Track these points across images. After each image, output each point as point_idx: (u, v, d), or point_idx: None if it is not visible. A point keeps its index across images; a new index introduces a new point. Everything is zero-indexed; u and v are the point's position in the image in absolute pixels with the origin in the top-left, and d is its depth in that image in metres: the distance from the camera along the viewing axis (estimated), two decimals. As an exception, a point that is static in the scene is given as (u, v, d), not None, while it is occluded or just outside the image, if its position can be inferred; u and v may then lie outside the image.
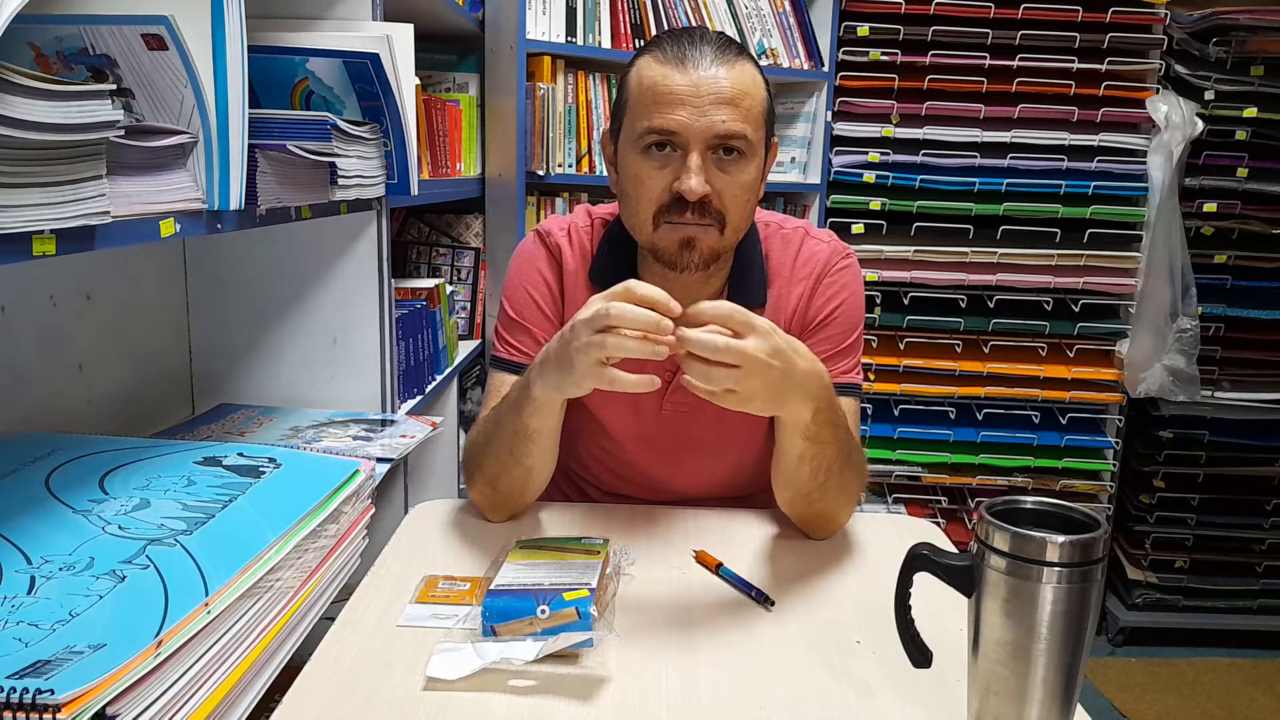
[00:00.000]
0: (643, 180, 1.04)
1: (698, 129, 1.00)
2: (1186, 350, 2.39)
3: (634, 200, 1.06)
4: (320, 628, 0.90)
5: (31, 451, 0.97)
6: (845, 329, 1.17)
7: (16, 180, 0.61)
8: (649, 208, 1.05)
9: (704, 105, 1.00)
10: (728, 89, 1.01)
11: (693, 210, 1.02)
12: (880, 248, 2.43)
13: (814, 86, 2.51)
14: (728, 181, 1.03)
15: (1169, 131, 2.33)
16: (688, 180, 1.01)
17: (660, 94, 1.02)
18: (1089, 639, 0.70)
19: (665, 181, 1.03)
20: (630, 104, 1.06)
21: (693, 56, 1.02)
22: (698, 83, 1.01)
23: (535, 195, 2.26)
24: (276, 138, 1.00)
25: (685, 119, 1.00)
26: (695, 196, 1.01)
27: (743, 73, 1.03)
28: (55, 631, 0.66)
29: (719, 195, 1.03)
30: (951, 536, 1.49)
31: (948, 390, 2.50)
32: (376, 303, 1.42)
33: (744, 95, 1.02)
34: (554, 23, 2.18)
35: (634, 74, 1.06)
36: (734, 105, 1.01)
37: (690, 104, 1.00)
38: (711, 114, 1.00)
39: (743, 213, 1.06)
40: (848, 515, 1.12)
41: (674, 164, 1.02)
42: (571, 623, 0.81)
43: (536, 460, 1.07)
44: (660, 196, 1.03)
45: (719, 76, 1.01)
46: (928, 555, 0.74)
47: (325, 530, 0.93)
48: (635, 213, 1.07)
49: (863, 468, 1.12)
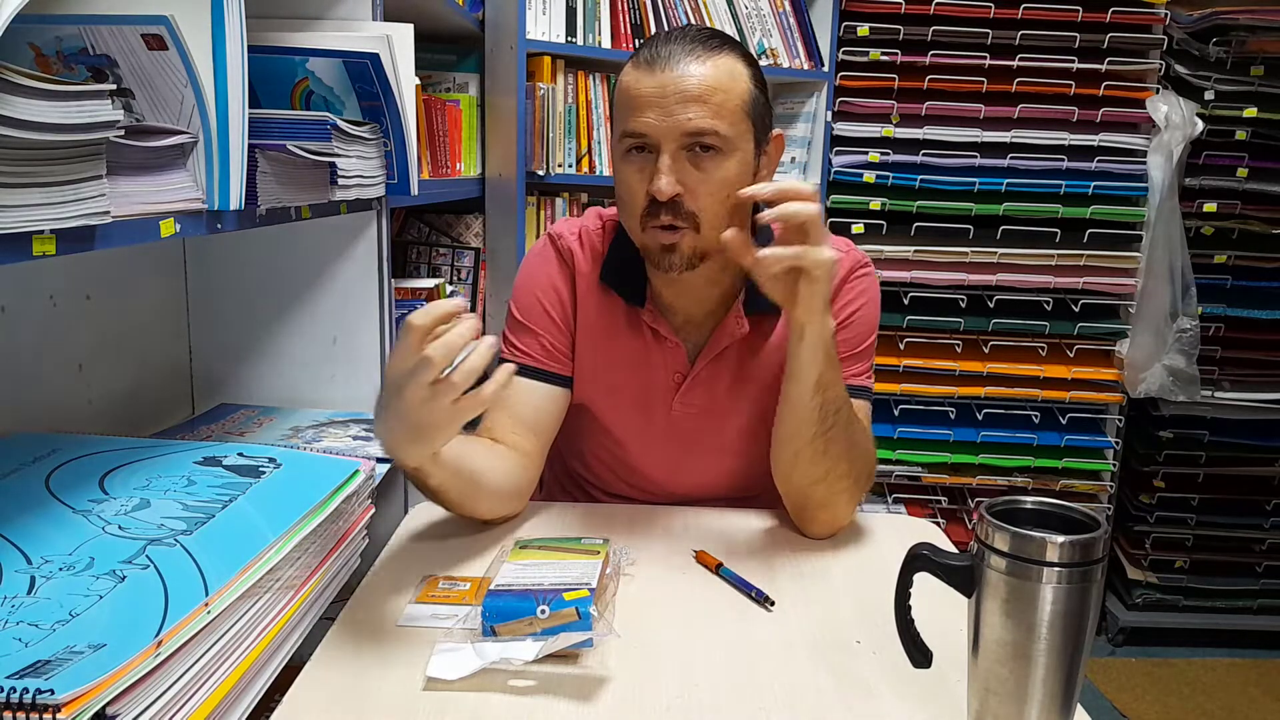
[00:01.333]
0: (627, 184, 1.05)
1: (665, 129, 1.01)
2: (1186, 350, 2.39)
3: (623, 205, 1.08)
4: (320, 628, 0.90)
5: (31, 451, 0.97)
6: (860, 334, 1.17)
7: (16, 180, 0.61)
8: (635, 212, 1.06)
9: (670, 105, 1.01)
10: (694, 87, 1.01)
11: (666, 211, 1.02)
12: (880, 248, 2.43)
13: (814, 86, 2.51)
14: (700, 179, 1.02)
15: (1169, 131, 2.33)
16: (657, 181, 1.01)
17: (631, 98, 1.03)
18: (1089, 639, 0.70)
19: (644, 185, 1.04)
20: (615, 111, 1.08)
21: (663, 57, 1.02)
22: (664, 83, 1.01)
23: (535, 195, 2.26)
24: (276, 138, 1.00)
25: (652, 120, 1.01)
26: (664, 196, 1.01)
27: (715, 67, 1.02)
28: (55, 631, 0.65)
29: (691, 193, 1.02)
30: (951, 536, 1.49)
31: (948, 390, 2.50)
32: (376, 303, 1.42)
33: (715, 90, 1.01)
34: (554, 23, 2.18)
35: (618, 83, 1.08)
36: (702, 102, 1.01)
37: (658, 105, 1.01)
38: (678, 113, 1.00)
39: (719, 210, 1.04)
40: (848, 510, 1.12)
41: (649, 167, 1.03)
42: (571, 623, 0.81)
43: (465, 499, 1.06)
44: (642, 200, 1.04)
45: (687, 75, 1.01)
46: (928, 555, 0.74)
47: (325, 530, 0.93)
48: (626, 217, 1.09)
49: (869, 459, 1.12)
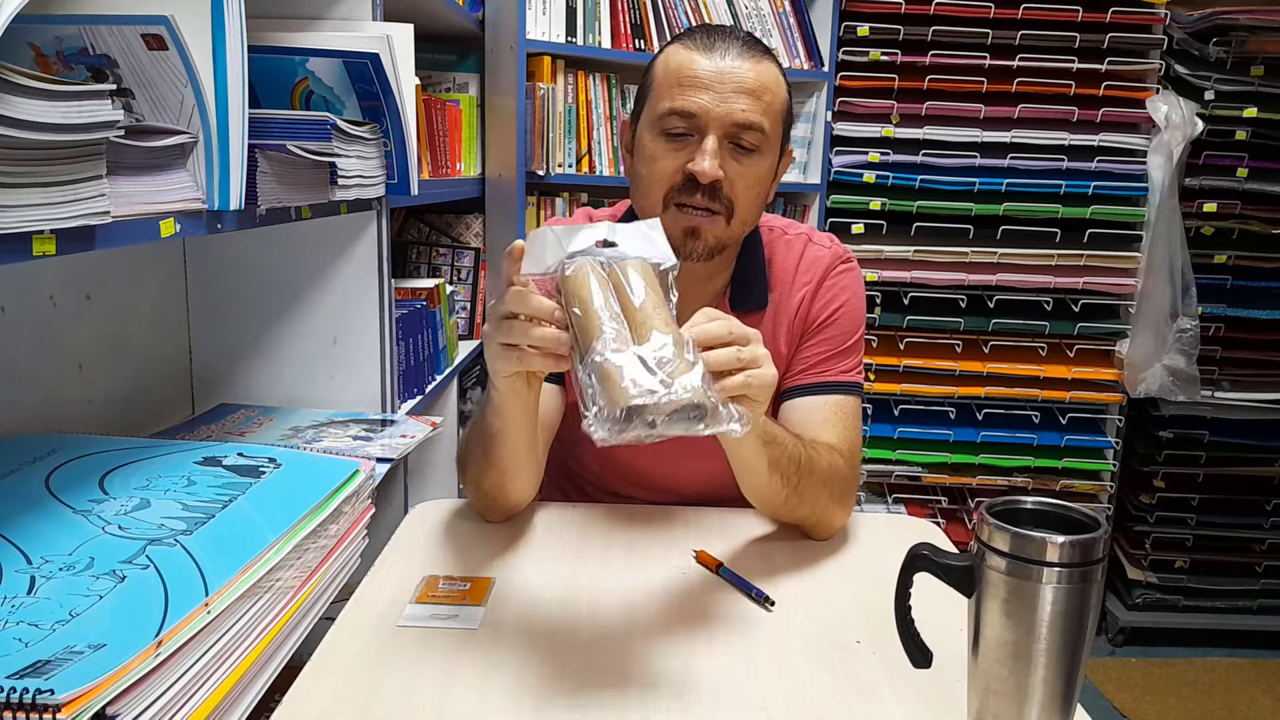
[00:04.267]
0: (657, 160, 1.05)
1: (717, 114, 1.02)
2: (1186, 350, 2.39)
3: (645, 180, 1.07)
4: (320, 628, 0.90)
5: (31, 451, 0.97)
6: (846, 330, 1.17)
7: (16, 180, 0.61)
8: (660, 188, 1.05)
9: (726, 92, 1.02)
10: (751, 80, 1.03)
11: (703, 193, 1.03)
12: (880, 248, 2.43)
13: (814, 86, 2.51)
14: (740, 171, 1.04)
15: (1169, 131, 2.33)
16: (702, 162, 1.02)
17: (685, 76, 1.03)
18: (1089, 639, 0.70)
19: (679, 162, 1.04)
20: (654, 86, 1.08)
21: (721, 45, 1.04)
22: (722, 69, 1.02)
23: (535, 195, 2.26)
24: (276, 138, 1.00)
25: (706, 102, 1.02)
26: (708, 179, 1.02)
27: (767, 70, 1.05)
28: (55, 631, 0.66)
29: (731, 183, 1.04)
30: (951, 536, 1.49)
31: (948, 390, 2.50)
32: (376, 303, 1.42)
33: (766, 90, 1.04)
34: (554, 23, 2.19)
35: (661, 59, 1.08)
36: (755, 97, 1.03)
37: (713, 89, 1.02)
38: (733, 101, 1.02)
39: (751, 205, 1.07)
40: (843, 517, 1.12)
41: (690, 147, 1.04)
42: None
43: (509, 463, 1.04)
44: (673, 177, 1.04)
45: (744, 67, 1.03)
46: (928, 555, 0.74)
47: (325, 530, 0.93)
48: (646, 193, 1.07)
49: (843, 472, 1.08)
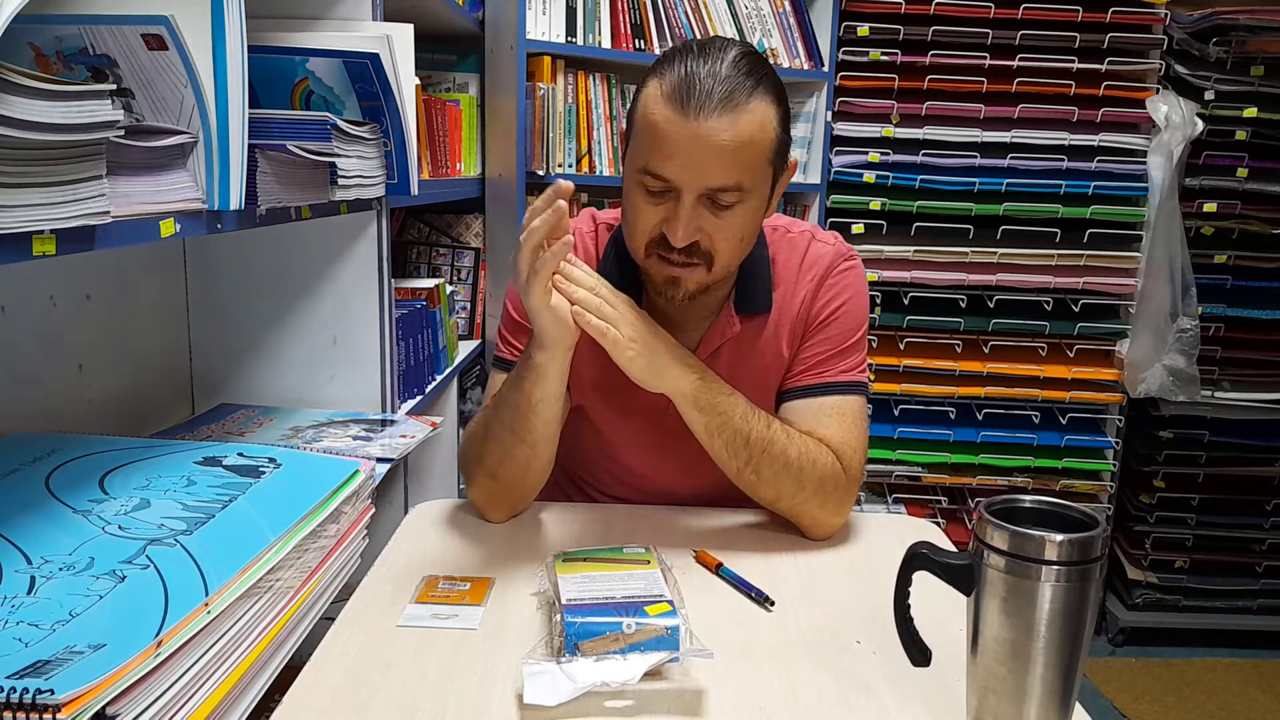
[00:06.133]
0: (638, 211, 1.04)
1: (691, 181, 0.98)
2: (1186, 350, 2.39)
3: (629, 225, 1.07)
4: (320, 628, 0.90)
5: (31, 451, 0.97)
6: (848, 329, 1.17)
7: (16, 180, 0.61)
8: (641, 239, 1.05)
9: (697, 157, 0.97)
10: (728, 140, 0.97)
11: (680, 250, 1.02)
12: (880, 248, 2.43)
13: (814, 86, 2.51)
14: (719, 225, 1.01)
15: (1169, 131, 2.33)
16: (675, 230, 1.00)
17: (660, 137, 0.98)
18: (1087, 637, 0.70)
19: (657, 219, 1.02)
20: (636, 129, 1.03)
21: (697, 99, 0.96)
22: (696, 134, 0.96)
23: (535, 195, 2.26)
24: (276, 138, 1.00)
25: (679, 170, 0.98)
26: (681, 245, 1.01)
27: (749, 120, 0.97)
28: (55, 631, 0.66)
29: (709, 237, 1.02)
30: (951, 536, 1.49)
31: (948, 390, 2.50)
32: (376, 303, 1.42)
33: (746, 145, 0.98)
34: (554, 23, 2.19)
35: (642, 102, 1.01)
36: (733, 159, 0.98)
37: (686, 154, 0.97)
38: (707, 168, 0.97)
39: (734, 251, 1.05)
40: (835, 515, 1.11)
41: (667, 204, 1.01)
42: (659, 638, 0.79)
43: (541, 434, 1.07)
44: (652, 231, 1.03)
45: (720, 129, 0.96)
46: (927, 554, 0.74)
47: (325, 530, 0.93)
48: (630, 237, 1.08)
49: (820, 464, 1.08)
